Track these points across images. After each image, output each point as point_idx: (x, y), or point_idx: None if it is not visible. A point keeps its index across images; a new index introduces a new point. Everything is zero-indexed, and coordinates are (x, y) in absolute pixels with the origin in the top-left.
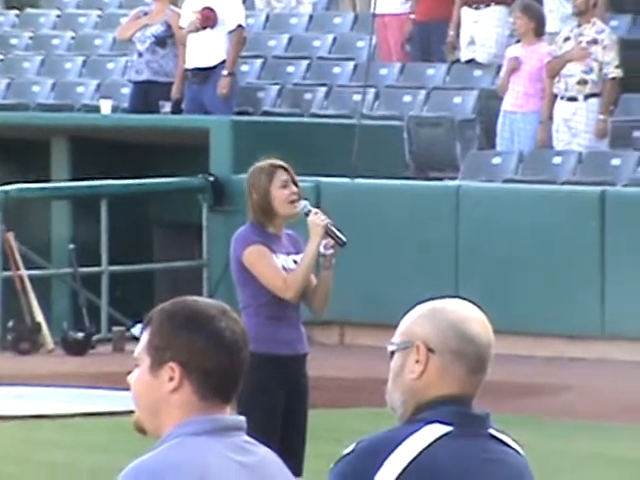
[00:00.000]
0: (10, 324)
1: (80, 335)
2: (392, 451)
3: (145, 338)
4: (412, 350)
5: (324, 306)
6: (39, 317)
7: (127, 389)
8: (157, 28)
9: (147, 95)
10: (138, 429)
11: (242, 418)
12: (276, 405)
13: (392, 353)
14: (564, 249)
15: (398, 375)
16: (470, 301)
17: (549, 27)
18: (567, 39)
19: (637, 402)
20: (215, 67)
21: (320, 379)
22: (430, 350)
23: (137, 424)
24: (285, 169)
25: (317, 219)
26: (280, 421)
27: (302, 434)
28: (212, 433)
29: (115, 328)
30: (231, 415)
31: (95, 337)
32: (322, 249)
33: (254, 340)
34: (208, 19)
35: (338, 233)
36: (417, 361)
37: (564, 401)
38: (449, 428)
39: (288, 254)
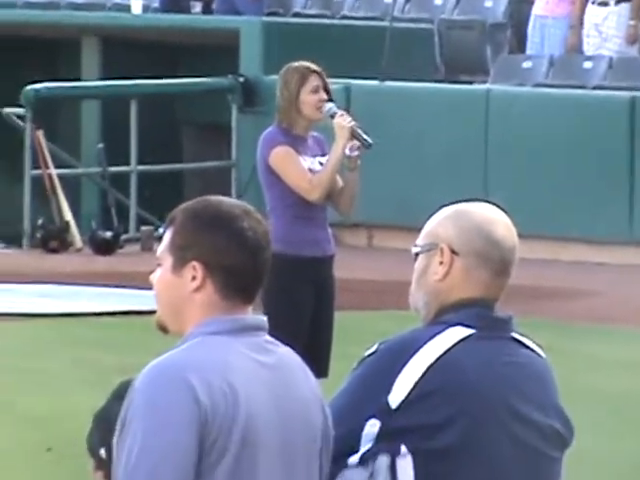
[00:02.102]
0: (39, 222)
1: (108, 234)
2: (415, 352)
3: (168, 237)
4: (436, 252)
5: (351, 208)
6: (68, 216)
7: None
8: None
9: None
10: (160, 328)
11: (263, 318)
12: (302, 305)
13: (416, 255)
14: (593, 154)
15: (422, 276)
16: (498, 205)
17: None
18: None
19: None
20: None
21: (348, 281)
22: (454, 252)
23: (159, 323)
24: (319, 74)
25: (343, 121)
26: (307, 321)
27: (328, 335)
28: (233, 332)
29: (143, 227)
30: (253, 314)
31: (123, 236)
32: (348, 151)
33: (282, 241)
34: None
35: (364, 135)
36: (441, 263)
37: (587, 305)
38: (472, 331)
39: (314, 156)
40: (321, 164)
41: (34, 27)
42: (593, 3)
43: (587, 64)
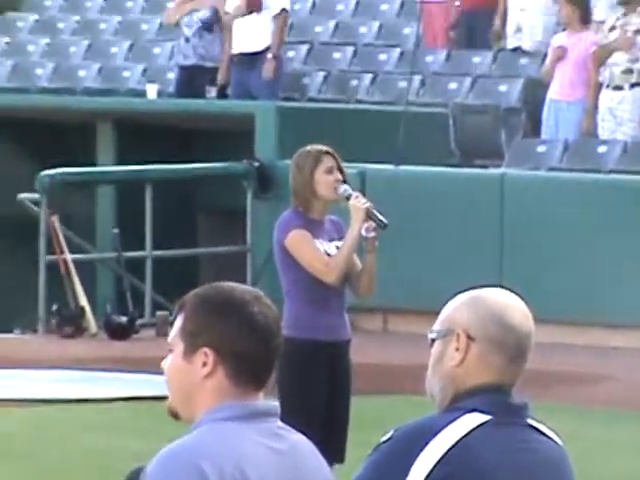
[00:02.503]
0: (54, 308)
1: (123, 319)
2: (430, 439)
3: (179, 323)
4: (452, 338)
5: (370, 290)
6: (83, 301)
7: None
8: (204, 13)
9: (193, 80)
10: (172, 414)
11: (275, 403)
12: (317, 391)
13: (432, 341)
14: (608, 238)
15: (438, 362)
16: (514, 289)
17: (597, 15)
18: (613, 28)
19: None
20: (261, 52)
21: (363, 366)
22: (470, 338)
23: (171, 409)
24: (332, 155)
25: (358, 202)
26: (321, 407)
27: (344, 421)
28: (245, 418)
29: (158, 313)
30: (264, 400)
31: (138, 321)
32: (364, 232)
33: (295, 325)
34: (253, 3)
35: (379, 215)
36: (457, 349)
37: (608, 390)
38: (488, 417)
39: (331, 240)
40: (337, 248)
41: (49, 112)
42: (607, 87)
43: (602, 148)
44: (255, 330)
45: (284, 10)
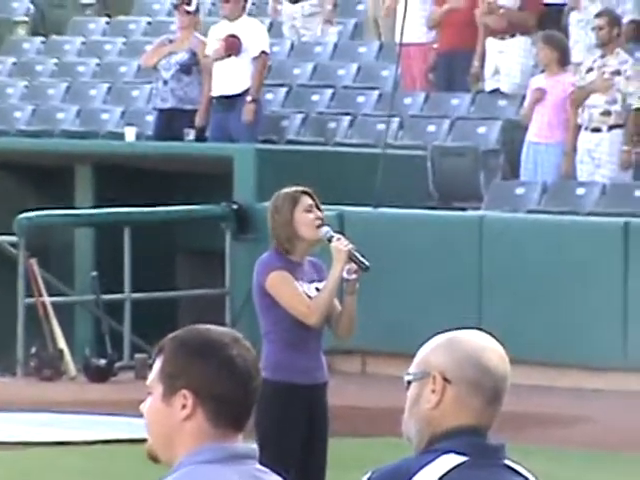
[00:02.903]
0: (33, 350)
1: (102, 362)
2: None
3: (157, 366)
4: (428, 380)
5: (350, 332)
6: (61, 344)
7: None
8: (182, 56)
9: (171, 123)
10: (151, 457)
11: (254, 446)
12: (294, 433)
13: (409, 383)
14: (587, 280)
15: (414, 405)
16: (492, 331)
17: (575, 57)
18: (590, 70)
19: None
20: (240, 95)
21: (341, 408)
22: (446, 380)
23: (150, 452)
24: (309, 195)
25: (340, 244)
26: (299, 450)
27: (322, 462)
28: (225, 461)
29: (137, 355)
30: (243, 443)
31: (117, 364)
32: (345, 274)
33: (274, 368)
34: (232, 47)
35: (361, 258)
36: (433, 391)
37: (585, 432)
38: (464, 458)
39: (311, 282)
40: (318, 290)
41: (27, 155)
42: (586, 129)
43: (580, 190)
44: (234, 372)
45: (263, 52)
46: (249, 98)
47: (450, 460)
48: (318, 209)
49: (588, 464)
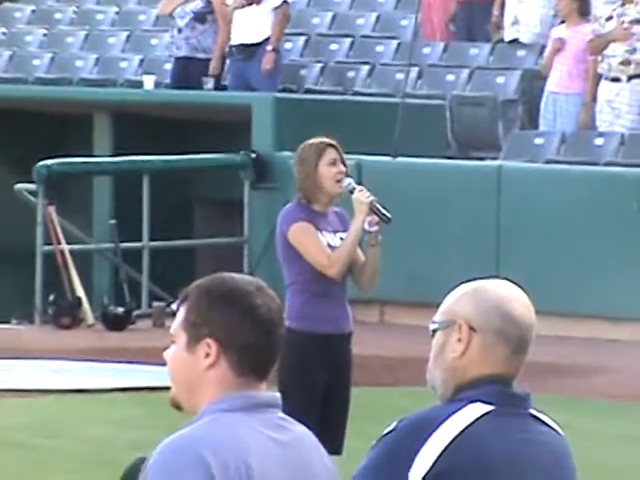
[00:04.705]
0: (51, 298)
1: (120, 310)
2: (434, 430)
3: (181, 314)
4: (454, 329)
5: (372, 283)
6: (80, 292)
7: (166, 365)
8: (197, 4)
9: (187, 71)
10: (174, 405)
11: (277, 395)
12: (317, 383)
13: (434, 332)
14: (606, 230)
15: (440, 354)
16: (511, 281)
17: (596, 10)
18: (609, 18)
19: None
20: (260, 43)
21: (361, 357)
22: (472, 329)
23: (173, 400)
24: (335, 147)
25: (362, 196)
26: (321, 399)
27: (344, 412)
28: (248, 410)
29: (155, 303)
30: (267, 392)
31: (135, 312)
32: (367, 226)
33: (298, 318)
34: None
35: (383, 210)
36: (459, 340)
37: (602, 382)
38: (491, 407)
39: (335, 232)
40: (342, 239)
41: (46, 103)
42: (605, 79)
43: (598, 140)
44: (258, 321)
45: (285, 2)
46: (269, 47)
47: (477, 409)
48: (343, 163)
49: (605, 414)
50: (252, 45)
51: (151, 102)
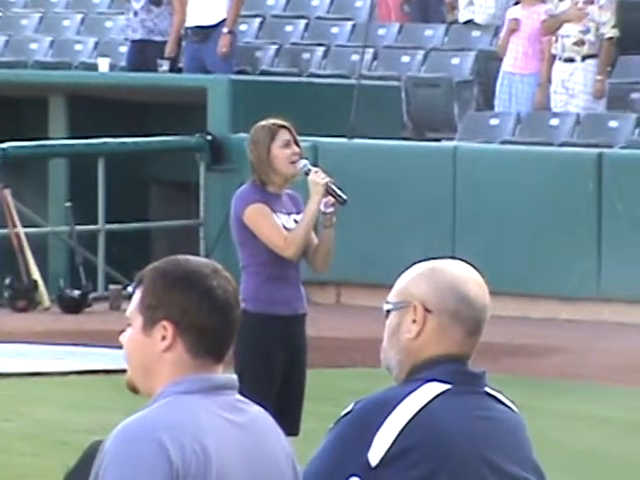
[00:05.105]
0: (7, 282)
1: (76, 293)
2: (392, 410)
3: (137, 297)
4: (409, 310)
5: (326, 265)
6: (36, 275)
7: (122, 348)
8: None
9: (143, 54)
10: (131, 388)
11: (234, 377)
12: (274, 365)
13: (388, 312)
14: (561, 211)
15: (394, 334)
16: (466, 261)
17: None
18: None
19: (630, 364)
20: (216, 25)
21: (316, 339)
22: (428, 310)
23: (130, 383)
24: (288, 129)
25: (317, 177)
26: (278, 381)
27: (300, 393)
28: (204, 392)
29: (111, 286)
30: (223, 374)
31: (91, 295)
32: (323, 207)
33: (254, 300)
34: None
35: (338, 191)
36: (414, 321)
37: (558, 362)
38: (447, 386)
39: (289, 214)
40: (296, 222)
41: (1, 86)
42: (560, 59)
43: (554, 121)
44: (214, 303)
45: None
46: (225, 29)
47: (433, 388)
48: (296, 144)
49: (561, 394)
50: (208, 27)
51: (106, 85)
